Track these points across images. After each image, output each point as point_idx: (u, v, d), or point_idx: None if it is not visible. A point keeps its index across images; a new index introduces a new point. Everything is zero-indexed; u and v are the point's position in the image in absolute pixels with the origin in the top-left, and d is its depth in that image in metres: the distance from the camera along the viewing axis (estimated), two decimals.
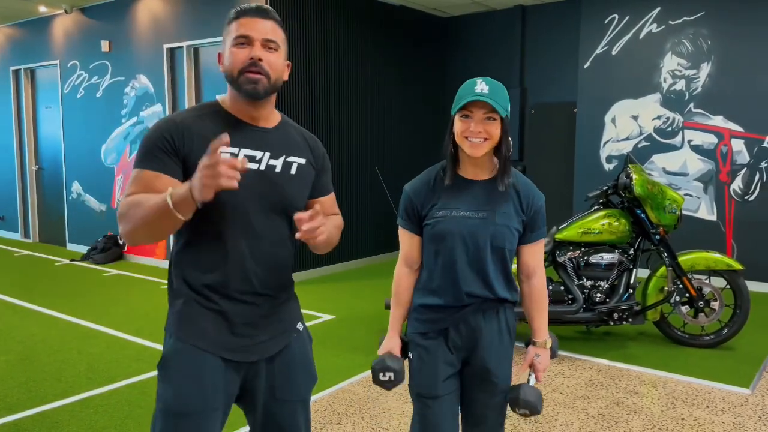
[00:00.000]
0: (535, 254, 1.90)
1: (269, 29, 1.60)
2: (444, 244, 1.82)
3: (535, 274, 1.91)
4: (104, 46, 7.41)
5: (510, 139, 1.82)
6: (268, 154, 1.64)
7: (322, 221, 1.51)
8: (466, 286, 1.82)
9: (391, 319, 1.98)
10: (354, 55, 6.88)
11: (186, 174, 1.54)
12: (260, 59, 1.57)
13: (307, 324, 4.81)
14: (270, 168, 1.63)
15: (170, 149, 1.55)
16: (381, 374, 1.86)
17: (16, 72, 8.79)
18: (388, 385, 1.88)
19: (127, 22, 7.21)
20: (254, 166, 1.60)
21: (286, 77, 1.68)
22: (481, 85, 1.74)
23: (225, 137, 1.34)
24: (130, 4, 7.17)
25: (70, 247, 8.23)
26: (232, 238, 1.59)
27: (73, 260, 7.48)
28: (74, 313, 5.17)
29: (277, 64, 1.61)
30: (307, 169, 1.72)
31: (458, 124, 1.77)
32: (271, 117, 1.70)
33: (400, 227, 1.94)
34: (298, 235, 1.50)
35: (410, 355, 1.93)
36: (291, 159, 1.68)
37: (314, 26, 6.36)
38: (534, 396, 1.84)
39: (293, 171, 1.68)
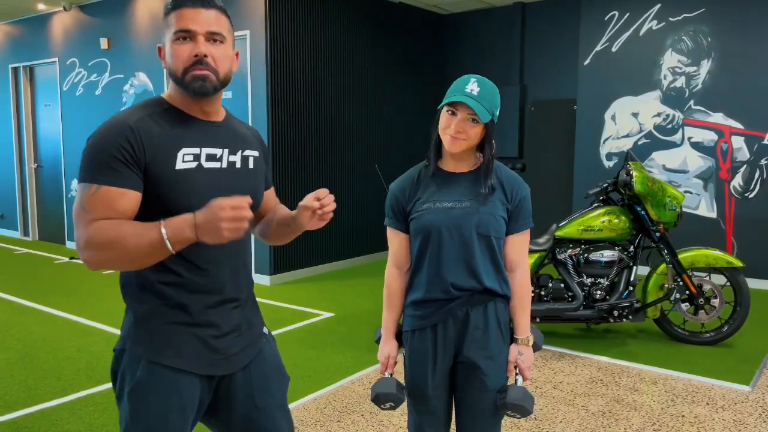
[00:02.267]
0: (518, 246, 1.89)
1: (213, 20, 1.46)
2: (429, 235, 1.82)
3: (518, 267, 1.89)
4: (103, 43, 7.40)
5: (493, 142, 1.83)
6: (227, 150, 1.55)
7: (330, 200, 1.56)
8: (452, 276, 1.81)
9: (384, 323, 1.98)
10: (353, 52, 6.87)
11: (151, 180, 1.43)
12: (205, 55, 1.45)
13: (306, 322, 4.83)
14: (231, 165, 1.56)
15: (130, 159, 1.40)
16: (382, 405, 1.90)
17: (15, 70, 8.77)
18: (387, 410, 1.92)
19: (126, 19, 7.19)
20: (216, 164, 1.52)
21: (235, 68, 1.57)
22: (473, 85, 1.76)
23: (248, 200, 1.34)
24: (129, 2, 7.15)
25: (70, 245, 8.22)
26: (198, 246, 1.44)
27: (72, 258, 7.48)
28: (73, 310, 5.17)
29: (225, 58, 1.49)
30: (261, 161, 1.67)
31: (443, 119, 1.80)
32: (221, 110, 1.60)
33: (387, 227, 1.94)
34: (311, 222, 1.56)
35: (403, 351, 1.95)
36: (247, 153, 1.61)
37: (312, 23, 6.34)
38: (521, 397, 1.81)
39: (251, 165, 1.62)
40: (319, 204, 1.54)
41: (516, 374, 1.90)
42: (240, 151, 1.59)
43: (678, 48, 6.19)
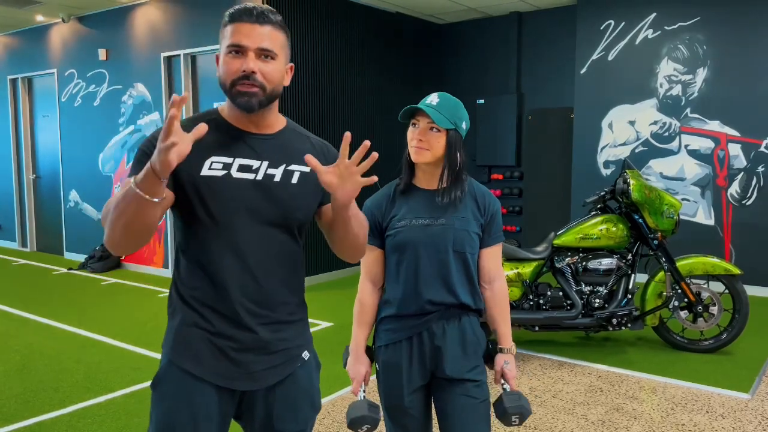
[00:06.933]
0: (494, 258, 1.92)
1: (266, 36, 1.47)
2: (406, 252, 1.84)
3: (496, 278, 1.93)
4: (101, 54, 7.42)
5: (459, 153, 1.83)
6: (266, 163, 1.54)
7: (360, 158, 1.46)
8: (429, 293, 1.83)
9: (354, 339, 1.96)
10: (350, 61, 6.89)
11: (177, 183, 1.47)
12: (253, 72, 1.46)
13: None
14: (268, 178, 1.53)
15: None
16: (359, 430, 1.85)
17: (14, 81, 8.79)
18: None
19: (125, 30, 7.22)
20: (249, 176, 1.51)
21: (287, 82, 1.56)
22: (433, 97, 1.83)
23: (203, 127, 1.27)
24: (127, 13, 7.18)
25: (68, 255, 8.21)
26: (218, 255, 1.49)
27: (70, 269, 7.47)
28: (72, 322, 5.15)
29: (275, 74, 1.49)
30: (312, 177, 1.57)
31: (408, 133, 1.86)
32: (275, 123, 1.59)
33: None
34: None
35: (377, 367, 1.94)
36: (292, 167, 1.57)
37: (311, 33, 6.37)
38: (516, 398, 1.84)
39: (294, 180, 1.57)
40: (345, 162, 1.45)
41: (502, 384, 1.93)
42: (283, 165, 1.56)
43: (674, 56, 6.22)
